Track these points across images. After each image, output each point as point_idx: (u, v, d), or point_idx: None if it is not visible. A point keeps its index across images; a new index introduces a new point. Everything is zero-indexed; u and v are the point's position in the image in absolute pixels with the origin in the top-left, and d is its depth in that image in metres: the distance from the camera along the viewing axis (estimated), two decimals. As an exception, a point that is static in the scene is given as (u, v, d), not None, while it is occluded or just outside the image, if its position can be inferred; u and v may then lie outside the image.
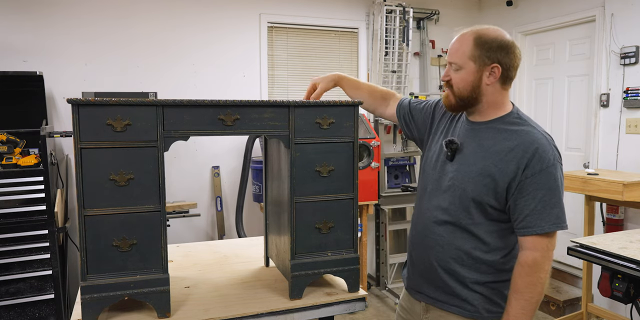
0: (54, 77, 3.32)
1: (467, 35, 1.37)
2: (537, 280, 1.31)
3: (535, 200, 1.31)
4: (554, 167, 1.32)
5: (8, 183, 2.77)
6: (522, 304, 1.31)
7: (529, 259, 1.31)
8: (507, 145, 1.34)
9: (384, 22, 4.05)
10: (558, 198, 1.32)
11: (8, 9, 3.24)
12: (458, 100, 1.40)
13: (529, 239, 1.32)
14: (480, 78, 1.35)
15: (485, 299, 1.40)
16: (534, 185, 1.31)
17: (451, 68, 1.39)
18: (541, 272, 1.31)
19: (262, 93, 3.92)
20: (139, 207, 1.39)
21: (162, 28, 3.61)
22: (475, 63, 1.34)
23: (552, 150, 1.34)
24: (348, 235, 1.61)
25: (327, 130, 1.55)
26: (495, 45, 1.33)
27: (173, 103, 1.39)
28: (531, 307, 1.31)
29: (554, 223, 1.31)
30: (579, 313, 3.10)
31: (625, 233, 2.65)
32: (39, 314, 2.87)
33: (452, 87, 1.39)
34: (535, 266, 1.30)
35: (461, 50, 1.35)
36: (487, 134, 1.39)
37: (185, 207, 3.39)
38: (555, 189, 1.32)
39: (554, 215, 1.31)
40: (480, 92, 1.37)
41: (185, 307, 1.49)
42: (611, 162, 3.37)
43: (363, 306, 1.62)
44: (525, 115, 1.42)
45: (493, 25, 1.39)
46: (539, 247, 1.31)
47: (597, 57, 3.44)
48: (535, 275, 1.30)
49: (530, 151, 1.31)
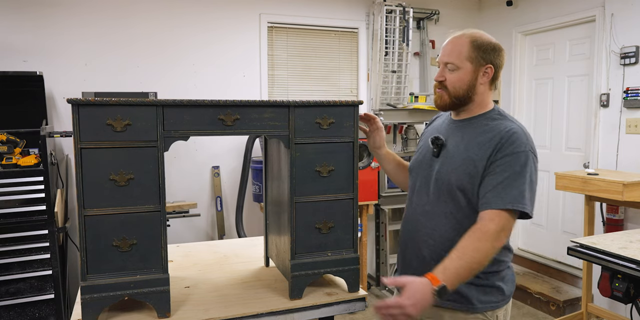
0: (54, 77, 3.32)
1: (463, 37, 1.45)
2: (483, 248, 1.29)
3: (499, 179, 1.35)
4: (524, 154, 1.36)
5: (8, 183, 2.77)
6: (460, 264, 1.28)
7: (483, 227, 1.32)
8: (487, 137, 1.41)
9: (384, 22, 4.05)
10: (522, 182, 1.34)
11: (8, 9, 3.24)
12: (454, 99, 1.46)
13: (487, 212, 1.34)
14: (476, 78, 1.44)
15: (478, 290, 1.42)
16: (501, 166, 1.36)
17: (446, 68, 1.45)
18: (489, 244, 1.30)
19: (262, 93, 3.92)
20: (139, 207, 1.39)
21: (162, 28, 3.61)
22: (472, 64, 1.43)
23: (527, 141, 1.40)
24: (348, 235, 1.61)
25: (327, 130, 1.55)
26: (489, 47, 1.44)
27: (173, 103, 1.39)
28: (465, 271, 1.28)
29: (511, 202, 1.32)
30: (579, 313, 3.10)
31: (625, 233, 2.66)
32: (39, 314, 2.87)
33: (447, 87, 1.46)
34: (487, 235, 1.30)
35: (458, 52, 1.43)
36: (470, 129, 1.47)
37: (185, 207, 3.39)
38: (521, 173, 1.35)
39: (513, 195, 1.33)
40: (474, 91, 1.45)
41: (185, 307, 1.49)
42: (611, 162, 3.37)
43: (363, 306, 1.62)
44: (505, 112, 1.50)
45: (479, 29, 1.49)
46: (495, 221, 1.32)
47: (597, 57, 3.44)
48: (484, 243, 1.30)
49: (505, 137, 1.39)
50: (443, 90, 1.47)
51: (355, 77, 4.24)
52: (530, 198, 1.35)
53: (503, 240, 1.33)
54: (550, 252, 4.05)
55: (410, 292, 1.22)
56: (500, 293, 1.44)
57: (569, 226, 3.86)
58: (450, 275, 1.25)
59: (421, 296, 1.21)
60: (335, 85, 4.19)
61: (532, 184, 1.36)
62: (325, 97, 4.09)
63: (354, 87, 4.25)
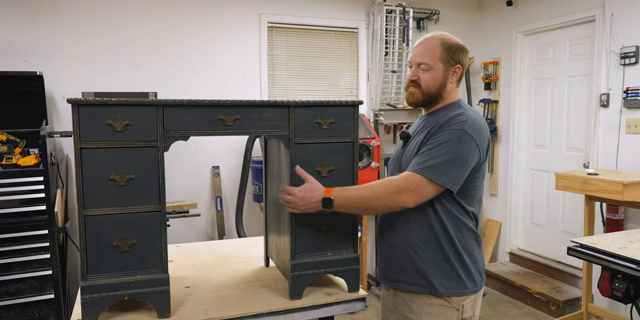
0: (54, 77, 3.32)
1: (434, 40, 1.56)
2: (381, 194, 1.42)
3: (424, 149, 1.47)
4: (455, 131, 1.44)
5: (8, 183, 2.77)
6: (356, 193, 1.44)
7: (394, 179, 1.45)
8: (441, 121, 1.51)
9: (384, 22, 4.05)
10: (439, 154, 1.42)
11: (8, 9, 3.24)
12: (426, 97, 1.57)
13: (404, 172, 1.46)
14: (447, 77, 1.56)
15: (441, 275, 1.50)
16: (432, 139, 1.48)
17: (419, 68, 1.56)
18: (387, 192, 1.41)
19: (262, 93, 3.92)
20: (139, 207, 1.39)
21: (162, 28, 3.61)
22: (443, 64, 1.55)
23: (468, 124, 1.45)
24: (348, 235, 1.61)
25: (327, 130, 1.55)
26: (458, 48, 1.56)
27: (173, 103, 1.39)
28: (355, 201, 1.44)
29: (421, 168, 1.42)
30: (579, 313, 3.10)
31: (625, 233, 2.65)
32: (39, 314, 2.87)
33: (421, 86, 1.56)
34: (391, 185, 1.42)
35: (431, 53, 1.54)
36: (432, 120, 1.57)
37: (185, 207, 3.39)
38: (442, 145, 1.43)
39: (425, 162, 1.43)
40: (444, 89, 1.57)
41: (185, 307, 1.49)
42: (611, 162, 3.37)
43: (363, 306, 1.62)
44: (466, 105, 1.59)
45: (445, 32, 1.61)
46: (405, 179, 1.43)
47: (597, 57, 3.44)
48: (383, 190, 1.42)
49: (448, 118, 1.49)
50: (416, 89, 1.57)
51: (355, 77, 4.24)
52: (445, 170, 1.41)
53: (405, 199, 1.41)
54: (550, 252, 4.05)
55: (306, 189, 1.46)
56: (464, 282, 1.51)
57: (569, 226, 3.86)
58: (342, 196, 1.44)
59: (311, 195, 1.45)
60: (335, 85, 4.19)
61: (451, 155, 1.42)
62: (325, 97, 4.09)
63: (354, 87, 4.25)
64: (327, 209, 1.45)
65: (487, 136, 1.51)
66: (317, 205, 1.45)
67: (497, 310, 3.68)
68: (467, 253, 1.52)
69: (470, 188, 1.51)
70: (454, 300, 1.51)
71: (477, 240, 1.56)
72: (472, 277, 1.53)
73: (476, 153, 1.45)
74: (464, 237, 1.51)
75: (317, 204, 1.45)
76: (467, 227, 1.52)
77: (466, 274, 1.51)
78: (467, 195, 1.51)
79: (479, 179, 1.53)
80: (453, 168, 1.41)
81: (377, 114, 4.14)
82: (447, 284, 1.50)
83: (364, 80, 4.24)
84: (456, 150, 1.42)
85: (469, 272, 1.52)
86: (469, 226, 1.52)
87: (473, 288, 1.53)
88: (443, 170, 1.41)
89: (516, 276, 3.95)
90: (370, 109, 4.19)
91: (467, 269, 1.52)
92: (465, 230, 1.52)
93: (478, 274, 1.55)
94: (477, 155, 1.46)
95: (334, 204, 1.44)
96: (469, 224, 1.52)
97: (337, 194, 1.45)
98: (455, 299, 1.51)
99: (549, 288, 3.68)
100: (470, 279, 1.52)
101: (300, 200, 1.45)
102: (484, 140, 1.48)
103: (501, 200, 4.44)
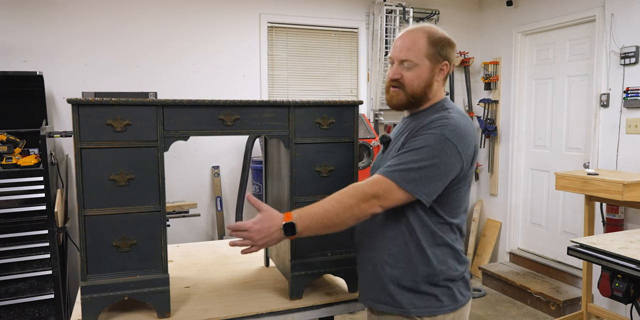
0: (54, 77, 3.32)
1: (419, 33, 1.37)
2: (347, 203, 1.25)
3: (400, 152, 1.31)
4: (434, 136, 1.27)
5: (8, 183, 2.77)
6: (318, 210, 1.26)
7: (359, 186, 1.28)
8: (421, 123, 1.35)
9: (384, 22, 4.05)
10: (412, 160, 1.26)
11: (8, 8, 3.24)
12: (410, 99, 1.39)
13: (374, 176, 1.30)
14: (434, 75, 1.38)
15: (410, 294, 1.35)
16: (409, 143, 1.31)
17: (402, 66, 1.38)
18: (354, 201, 1.25)
19: (262, 93, 3.92)
20: (139, 207, 1.39)
21: (162, 28, 3.61)
22: (430, 61, 1.36)
23: (451, 128, 1.28)
24: (348, 235, 1.61)
25: (327, 130, 1.55)
26: (445, 43, 1.37)
27: (173, 103, 1.39)
28: (320, 218, 1.26)
29: (390, 171, 1.27)
30: (579, 313, 3.10)
31: (625, 233, 2.65)
32: (39, 314, 2.87)
33: (404, 86, 1.38)
34: (357, 193, 1.26)
35: (416, 48, 1.36)
36: (415, 122, 1.40)
37: (185, 207, 3.39)
38: (417, 151, 1.27)
39: (396, 167, 1.27)
40: (431, 89, 1.39)
41: (185, 307, 1.49)
42: (611, 162, 3.37)
43: (363, 306, 1.62)
44: (450, 104, 1.41)
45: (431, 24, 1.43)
46: (373, 184, 1.27)
47: (597, 57, 3.44)
48: (349, 199, 1.25)
49: (432, 118, 1.33)
50: (399, 89, 1.39)
51: (355, 77, 4.24)
52: (417, 178, 1.25)
53: (374, 206, 1.26)
54: (550, 252, 4.05)
55: (262, 220, 1.28)
56: (439, 299, 1.35)
57: (569, 226, 3.86)
58: (304, 217, 1.25)
59: (269, 226, 1.26)
60: (335, 85, 4.19)
61: (426, 162, 1.25)
62: (325, 97, 4.09)
63: (354, 87, 4.25)
64: (290, 236, 1.26)
65: (471, 142, 1.33)
66: (278, 235, 1.26)
67: (497, 310, 3.68)
68: (443, 271, 1.35)
69: (453, 199, 1.35)
70: (426, 319, 1.35)
71: (456, 257, 1.38)
72: (452, 294, 1.36)
73: (457, 162, 1.28)
74: (443, 254, 1.35)
75: (278, 234, 1.26)
76: (446, 243, 1.35)
77: (443, 292, 1.35)
78: (451, 207, 1.35)
79: (463, 188, 1.36)
80: (426, 177, 1.25)
81: (377, 114, 4.14)
82: (418, 302, 1.34)
83: (364, 80, 4.24)
84: (433, 157, 1.26)
85: (446, 289, 1.36)
86: (447, 242, 1.35)
87: (451, 305, 1.36)
88: (415, 177, 1.25)
89: (516, 276, 3.95)
90: (370, 109, 4.19)
91: (444, 287, 1.35)
92: (445, 247, 1.35)
93: (458, 291, 1.38)
94: (459, 164, 1.29)
95: (298, 227, 1.25)
96: (448, 239, 1.35)
97: (298, 216, 1.26)
98: (427, 319, 1.35)
99: (549, 288, 3.68)
100: (448, 296, 1.36)
101: (258, 234, 1.26)
102: (468, 147, 1.31)
103: (501, 200, 4.44)
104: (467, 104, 4.58)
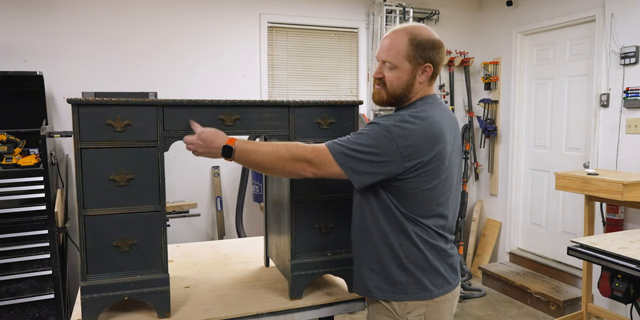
0: (54, 77, 3.32)
1: (401, 34, 1.39)
2: (281, 155, 1.34)
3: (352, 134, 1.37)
4: (376, 125, 1.32)
5: (8, 183, 2.77)
6: (257, 149, 1.36)
7: (301, 146, 1.35)
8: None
9: (384, 22, 4.05)
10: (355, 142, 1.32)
11: (8, 9, 3.24)
12: (390, 98, 1.43)
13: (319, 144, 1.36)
14: (414, 77, 1.40)
15: (376, 277, 1.41)
16: (364, 127, 1.36)
17: (384, 66, 1.41)
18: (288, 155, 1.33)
19: (262, 93, 3.92)
20: (139, 207, 1.39)
21: (162, 28, 3.61)
22: (410, 63, 1.38)
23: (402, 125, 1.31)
24: (348, 235, 1.61)
25: (327, 130, 1.55)
26: (429, 45, 1.38)
27: (173, 103, 1.39)
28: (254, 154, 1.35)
29: (333, 143, 1.34)
30: (579, 313, 3.10)
31: (625, 233, 2.65)
32: (39, 314, 2.87)
33: (385, 85, 1.42)
34: (295, 150, 1.34)
35: (396, 50, 1.38)
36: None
37: (185, 207, 3.39)
38: (359, 134, 1.34)
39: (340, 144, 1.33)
40: (411, 89, 1.41)
41: (185, 307, 1.49)
42: (611, 162, 3.37)
43: (363, 306, 1.62)
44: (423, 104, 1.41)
45: (421, 23, 1.47)
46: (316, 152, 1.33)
47: (597, 57, 3.44)
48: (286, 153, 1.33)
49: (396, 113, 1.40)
50: (381, 88, 1.43)
51: (355, 77, 4.24)
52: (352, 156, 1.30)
53: (305, 170, 1.34)
54: (550, 252, 4.05)
55: (209, 132, 1.39)
56: (403, 286, 1.38)
57: (569, 226, 3.86)
58: (244, 148, 1.36)
59: (212, 139, 1.37)
60: (335, 85, 4.19)
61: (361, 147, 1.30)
62: (325, 97, 4.09)
63: (354, 87, 4.25)
64: (226, 157, 1.37)
65: (420, 142, 1.30)
66: (217, 151, 1.37)
67: (497, 310, 3.68)
68: (407, 256, 1.37)
69: (407, 196, 1.35)
70: (396, 308, 1.38)
71: (427, 247, 1.38)
72: (420, 283, 1.38)
73: (394, 156, 1.29)
74: (407, 239, 1.37)
75: (217, 151, 1.37)
76: (412, 232, 1.37)
77: (409, 279, 1.37)
78: (408, 204, 1.36)
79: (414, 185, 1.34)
80: (360, 159, 1.30)
81: (377, 114, 4.14)
82: (385, 287, 1.39)
83: (364, 80, 4.24)
84: (371, 145, 1.30)
85: (413, 277, 1.37)
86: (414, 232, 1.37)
87: (418, 294, 1.37)
88: (350, 154, 1.30)
89: (516, 276, 3.95)
90: (370, 109, 4.19)
91: (410, 274, 1.37)
92: (411, 234, 1.37)
93: (428, 281, 1.38)
94: (396, 159, 1.29)
95: (234, 153, 1.35)
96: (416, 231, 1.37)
97: (239, 145, 1.36)
98: (395, 303, 1.38)
99: (549, 288, 3.68)
100: (415, 284, 1.38)
101: (202, 142, 1.38)
102: (410, 145, 1.29)
103: (501, 200, 4.44)
104: (467, 104, 4.58)
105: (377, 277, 1.41)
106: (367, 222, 1.41)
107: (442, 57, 1.42)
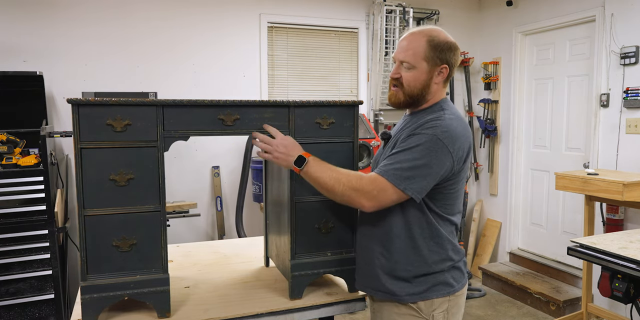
0: (54, 77, 3.32)
1: (419, 36, 1.43)
2: (343, 185, 1.35)
3: (394, 152, 1.38)
4: (425, 136, 1.34)
5: (8, 183, 2.77)
6: (328, 172, 1.38)
7: (364, 178, 1.36)
8: (417, 123, 1.42)
9: (384, 22, 4.05)
10: (405, 159, 1.34)
11: (8, 9, 3.24)
12: (407, 98, 1.46)
13: (373, 173, 1.38)
14: (431, 77, 1.44)
15: (403, 284, 1.42)
16: (402, 143, 1.39)
17: (402, 66, 1.44)
18: (348, 187, 1.35)
19: (262, 93, 3.92)
20: (139, 207, 1.39)
21: (162, 28, 3.61)
22: (428, 63, 1.42)
23: (443, 129, 1.35)
24: (348, 235, 1.61)
25: (327, 130, 1.55)
26: (445, 47, 1.42)
27: (173, 103, 1.39)
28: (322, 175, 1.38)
29: (387, 171, 1.34)
30: (579, 313, 3.10)
31: (625, 233, 2.65)
32: (39, 314, 2.87)
33: (403, 85, 1.45)
34: (358, 183, 1.35)
35: (414, 51, 1.42)
36: (412, 119, 1.48)
37: (185, 207, 3.39)
38: (410, 150, 1.34)
39: (393, 168, 1.34)
40: (428, 90, 1.45)
41: (185, 307, 1.49)
42: (611, 162, 3.37)
43: (363, 306, 1.62)
44: (449, 106, 1.47)
45: (438, 26, 1.49)
46: (374, 183, 1.34)
47: (597, 57, 3.44)
48: (347, 185, 1.35)
49: (427, 119, 1.40)
50: (399, 88, 1.46)
51: (355, 77, 4.24)
52: (410, 176, 1.32)
53: (364, 202, 1.35)
54: (550, 252, 4.05)
55: (290, 141, 1.44)
56: (431, 288, 1.41)
57: (569, 226, 3.86)
58: (314, 166, 1.39)
59: (292, 148, 1.42)
60: (335, 85, 4.19)
61: (418, 162, 1.32)
62: (325, 97, 4.09)
63: (354, 87, 4.25)
64: (296, 167, 1.40)
65: (464, 143, 1.38)
66: (292, 160, 1.40)
67: (497, 310, 3.68)
68: (435, 261, 1.42)
69: (446, 196, 1.42)
70: (422, 308, 1.41)
71: (450, 247, 1.44)
72: (445, 281, 1.43)
73: (447, 161, 1.34)
74: (436, 245, 1.42)
75: (292, 159, 1.40)
76: (440, 235, 1.42)
77: (436, 280, 1.42)
78: (445, 203, 1.42)
79: (455, 186, 1.42)
80: (418, 175, 1.32)
81: (377, 114, 4.14)
82: (412, 290, 1.41)
83: (364, 80, 4.24)
84: (424, 156, 1.32)
85: (439, 277, 1.42)
86: (441, 234, 1.42)
87: (444, 290, 1.42)
88: (407, 176, 1.32)
89: (516, 276, 3.95)
90: (370, 109, 4.19)
91: (436, 275, 1.42)
92: (438, 239, 1.42)
93: (452, 277, 1.44)
94: (450, 164, 1.35)
95: (305, 168, 1.39)
96: (442, 231, 1.42)
97: (313, 160, 1.40)
98: (423, 307, 1.41)
99: (549, 288, 3.68)
100: (441, 284, 1.42)
101: (281, 147, 1.41)
102: (459, 148, 1.36)
103: (501, 200, 4.44)
104: (467, 104, 4.58)
105: (404, 283, 1.42)
106: (396, 229, 1.42)
107: (458, 59, 1.46)
